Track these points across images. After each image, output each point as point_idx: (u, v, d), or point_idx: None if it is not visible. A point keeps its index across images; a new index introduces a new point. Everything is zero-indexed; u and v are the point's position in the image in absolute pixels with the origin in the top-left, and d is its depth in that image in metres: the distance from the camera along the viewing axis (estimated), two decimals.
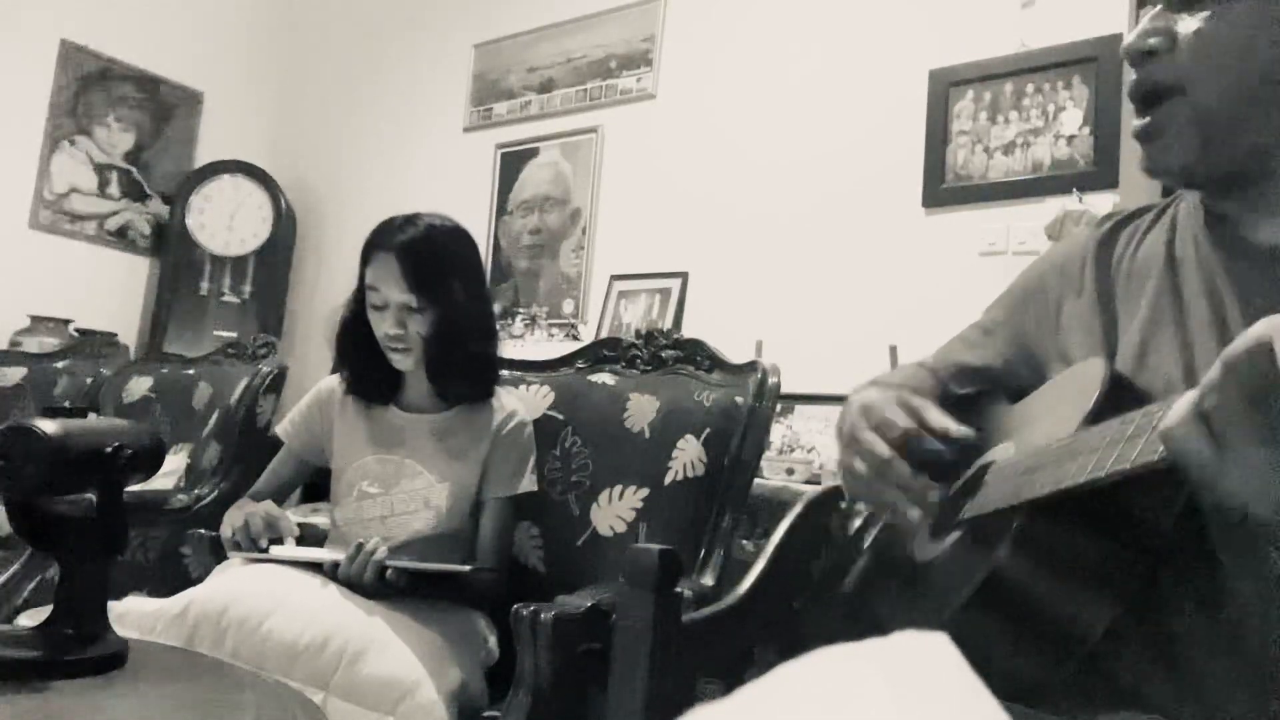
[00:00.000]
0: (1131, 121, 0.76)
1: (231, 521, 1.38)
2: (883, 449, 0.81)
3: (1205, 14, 0.70)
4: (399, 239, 1.43)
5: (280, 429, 1.59)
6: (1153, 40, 0.73)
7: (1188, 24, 0.71)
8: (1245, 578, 0.66)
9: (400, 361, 1.47)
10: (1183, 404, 0.53)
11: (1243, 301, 0.71)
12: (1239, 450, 0.50)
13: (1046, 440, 0.69)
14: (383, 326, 1.45)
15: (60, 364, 2.81)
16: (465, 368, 1.48)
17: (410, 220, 1.47)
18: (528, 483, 1.50)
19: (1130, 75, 0.76)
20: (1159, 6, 0.74)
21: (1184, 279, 0.76)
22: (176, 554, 1.73)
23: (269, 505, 1.39)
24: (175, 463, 2.12)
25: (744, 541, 1.86)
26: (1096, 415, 0.66)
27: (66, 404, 2.08)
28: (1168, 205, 0.84)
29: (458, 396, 1.50)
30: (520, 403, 1.58)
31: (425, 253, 1.43)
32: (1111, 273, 0.84)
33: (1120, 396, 0.68)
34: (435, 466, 1.46)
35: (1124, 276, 0.83)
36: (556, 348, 2.17)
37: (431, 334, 1.44)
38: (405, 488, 1.45)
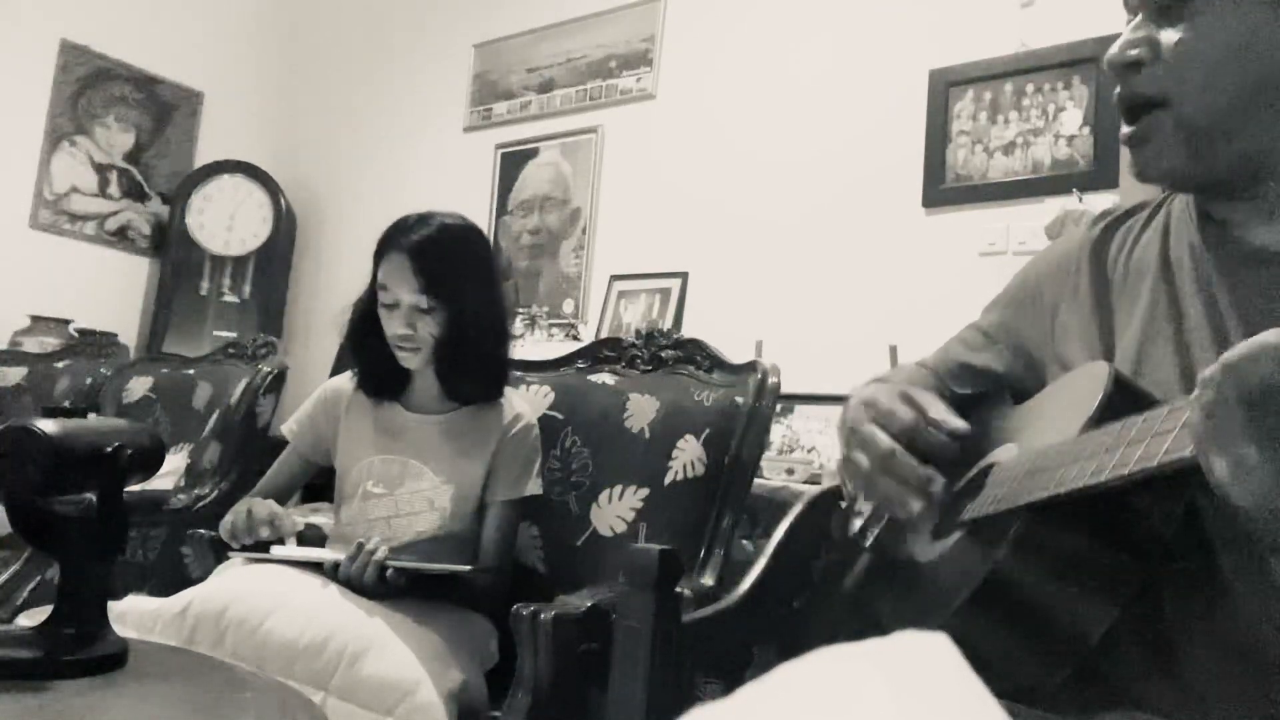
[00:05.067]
0: (1119, 124, 0.76)
1: (234, 517, 1.38)
2: (885, 440, 0.80)
3: (1186, 24, 0.70)
4: (411, 238, 1.41)
5: (285, 428, 1.58)
6: (1134, 51, 0.73)
7: (1169, 34, 0.71)
8: (1244, 582, 0.66)
9: (408, 360, 1.45)
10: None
11: (1238, 304, 0.71)
12: (1232, 450, 0.50)
13: (1048, 443, 0.69)
14: (392, 326, 1.43)
15: (60, 364, 2.81)
16: (476, 369, 1.48)
17: (424, 219, 1.45)
18: (533, 486, 1.49)
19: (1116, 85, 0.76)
20: (1140, 16, 0.74)
21: (1179, 282, 0.76)
22: (176, 554, 1.73)
23: (271, 503, 1.39)
24: (175, 463, 2.12)
25: (744, 541, 1.86)
26: (1098, 419, 0.66)
27: (66, 404, 2.08)
28: (1161, 204, 0.84)
29: (467, 398, 1.50)
30: (527, 405, 1.58)
31: (438, 253, 1.41)
32: (1107, 274, 0.84)
33: (1123, 400, 0.68)
34: (440, 468, 1.46)
35: (1119, 278, 0.82)
36: (556, 348, 2.17)
37: (442, 336, 1.43)
38: (410, 488, 1.45)
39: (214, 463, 2.10)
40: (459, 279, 1.43)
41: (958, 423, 0.81)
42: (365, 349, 1.51)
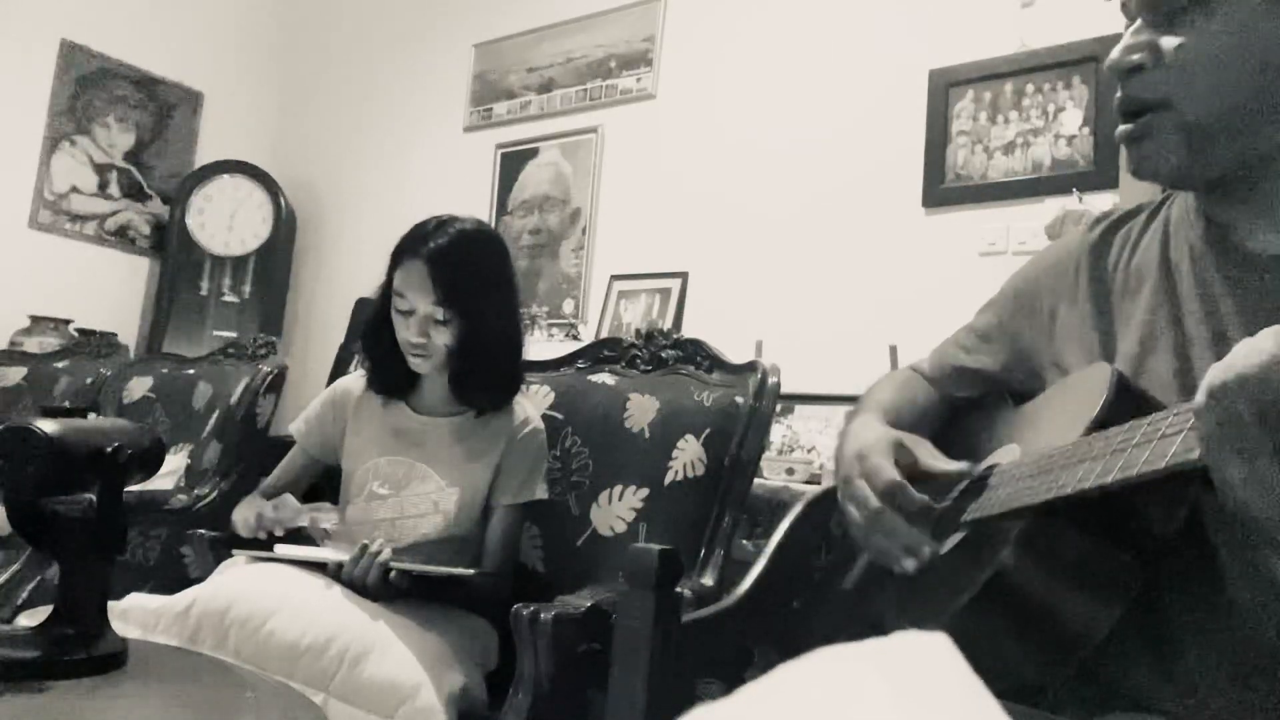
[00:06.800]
0: (1117, 127, 0.76)
1: (243, 514, 1.38)
2: (873, 501, 0.81)
3: (1187, 29, 0.70)
4: (430, 246, 1.39)
5: (293, 427, 1.58)
6: (1136, 56, 0.73)
7: (1170, 39, 0.71)
8: (1244, 581, 0.66)
9: (419, 365, 1.45)
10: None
11: (1239, 309, 0.71)
12: (1246, 459, 0.50)
13: (1051, 445, 0.69)
14: (405, 333, 1.42)
15: (60, 364, 2.81)
16: (489, 379, 1.47)
17: (443, 225, 1.43)
18: (539, 491, 1.49)
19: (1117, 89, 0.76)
20: (1140, 21, 0.74)
21: (1179, 286, 0.76)
22: (176, 554, 1.73)
23: (287, 497, 1.39)
24: (175, 463, 2.12)
25: (744, 541, 1.86)
26: (1102, 421, 0.66)
27: (66, 404, 2.08)
28: (1160, 206, 0.84)
29: (479, 406, 1.49)
30: (535, 409, 1.57)
31: (456, 262, 1.39)
32: (1106, 278, 0.83)
33: (1126, 403, 0.68)
34: (446, 471, 1.45)
35: (1119, 282, 0.82)
36: (556, 348, 2.17)
37: (457, 346, 1.42)
38: (415, 490, 1.45)
39: (214, 463, 2.10)
40: (476, 290, 1.42)
41: (949, 466, 0.82)
42: (377, 348, 1.50)
